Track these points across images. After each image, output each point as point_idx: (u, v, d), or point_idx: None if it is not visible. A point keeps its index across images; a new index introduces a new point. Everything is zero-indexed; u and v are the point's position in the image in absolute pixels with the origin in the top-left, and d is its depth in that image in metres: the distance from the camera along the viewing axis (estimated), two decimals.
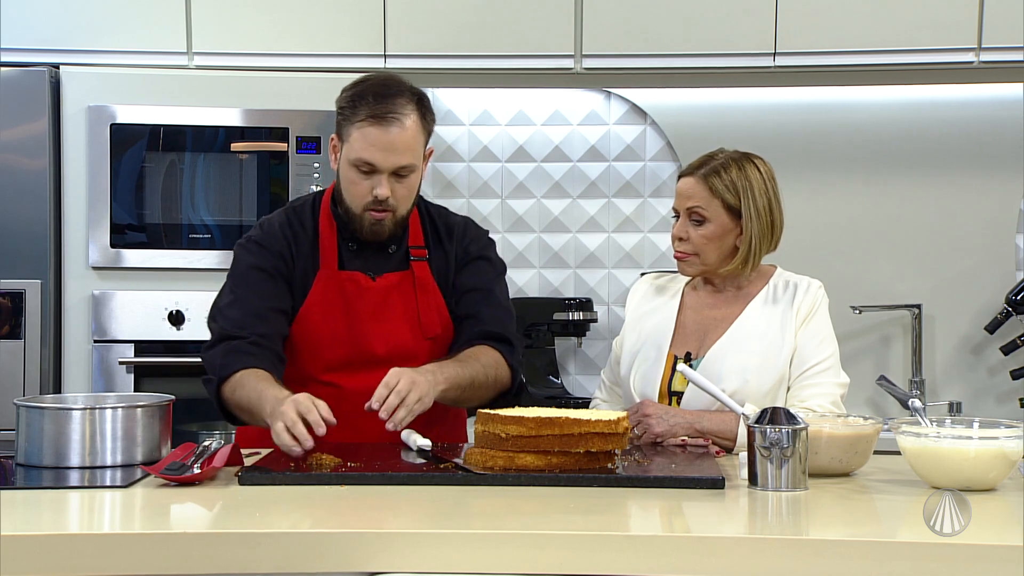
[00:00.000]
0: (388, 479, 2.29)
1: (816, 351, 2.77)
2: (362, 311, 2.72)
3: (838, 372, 2.79)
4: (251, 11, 3.82)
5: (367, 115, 2.62)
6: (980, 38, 3.72)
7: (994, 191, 4.14)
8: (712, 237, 2.79)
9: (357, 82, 2.71)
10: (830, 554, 1.88)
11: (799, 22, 3.77)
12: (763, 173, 2.81)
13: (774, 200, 2.81)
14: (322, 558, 1.91)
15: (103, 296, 3.70)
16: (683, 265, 2.84)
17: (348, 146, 2.65)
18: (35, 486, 2.29)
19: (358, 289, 2.73)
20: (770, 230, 2.81)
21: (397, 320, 2.74)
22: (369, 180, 2.64)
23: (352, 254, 2.75)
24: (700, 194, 2.79)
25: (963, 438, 2.27)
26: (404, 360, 2.66)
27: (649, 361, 2.85)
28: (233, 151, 3.74)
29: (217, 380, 2.65)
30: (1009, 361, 4.07)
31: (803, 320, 2.79)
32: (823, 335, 2.79)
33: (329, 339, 2.71)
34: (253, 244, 2.76)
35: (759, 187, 2.79)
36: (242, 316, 2.68)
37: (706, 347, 2.81)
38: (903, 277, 4.18)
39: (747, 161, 2.82)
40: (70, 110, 3.71)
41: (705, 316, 2.86)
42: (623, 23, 3.81)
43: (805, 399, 2.72)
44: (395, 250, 2.77)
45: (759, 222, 2.79)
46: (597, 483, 2.27)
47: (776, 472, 2.26)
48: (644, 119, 4.27)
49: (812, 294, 2.81)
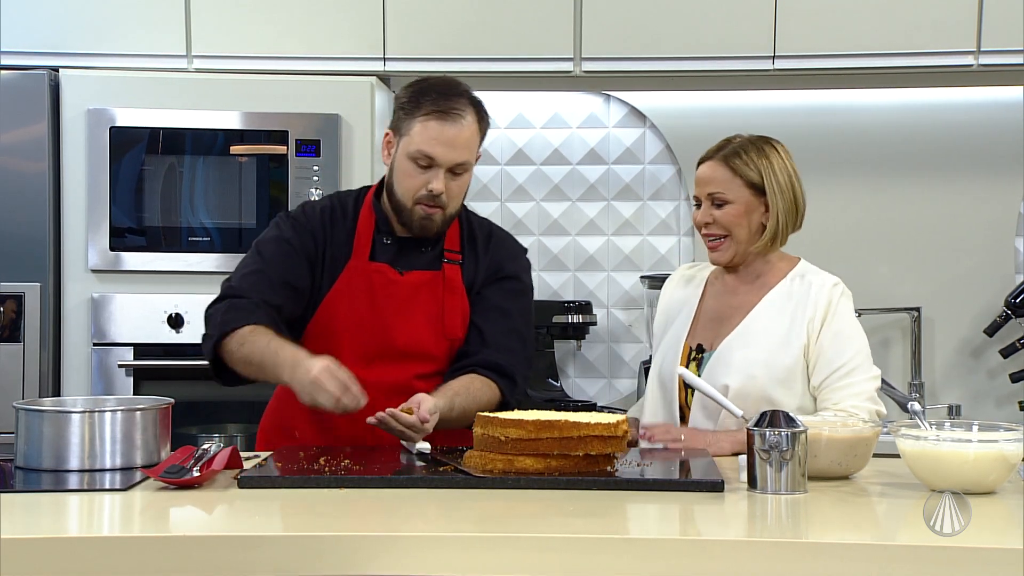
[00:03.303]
0: (387, 482, 2.29)
1: (840, 352, 2.75)
2: (387, 304, 2.74)
3: (868, 367, 2.78)
4: (250, 14, 3.82)
5: (431, 110, 2.67)
6: (979, 41, 3.72)
7: (994, 194, 4.14)
8: (738, 215, 2.81)
9: (420, 80, 2.76)
10: (829, 557, 1.88)
11: (798, 25, 3.77)
12: (782, 153, 2.86)
13: (795, 178, 2.85)
14: (321, 561, 1.91)
15: (102, 299, 3.70)
16: (716, 254, 2.85)
17: (408, 139, 2.69)
18: (34, 489, 2.29)
19: (385, 281, 2.75)
20: (795, 207, 2.84)
21: (420, 317, 2.75)
22: (425, 174, 2.68)
23: (385, 248, 2.78)
24: (721, 177, 2.82)
25: (962, 441, 2.27)
26: (422, 357, 2.73)
27: (669, 352, 2.86)
28: (232, 154, 3.74)
29: (218, 335, 2.67)
30: (1008, 364, 4.07)
31: (821, 322, 2.77)
32: (846, 334, 2.78)
33: (352, 328, 2.73)
34: (288, 219, 2.81)
35: (779, 165, 2.83)
36: (255, 281, 2.72)
37: (720, 338, 2.82)
38: (902, 280, 4.18)
39: (765, 142, 2.86)
40: (69, 113, 3.71)
41: (723, 304, 2.88)
42: (622, 26, 3.81)
43: (838, 401, 2.72)
44: (428, 250, 2.79)
45: (783, 198, 2.81)
46: (596, 486, 2.27)
47: (775, 475, 2.25)
48: (643, 122, 4.27)
49: (826, 294, 2.80)
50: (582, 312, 4.14)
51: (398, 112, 2.73)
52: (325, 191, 3.68)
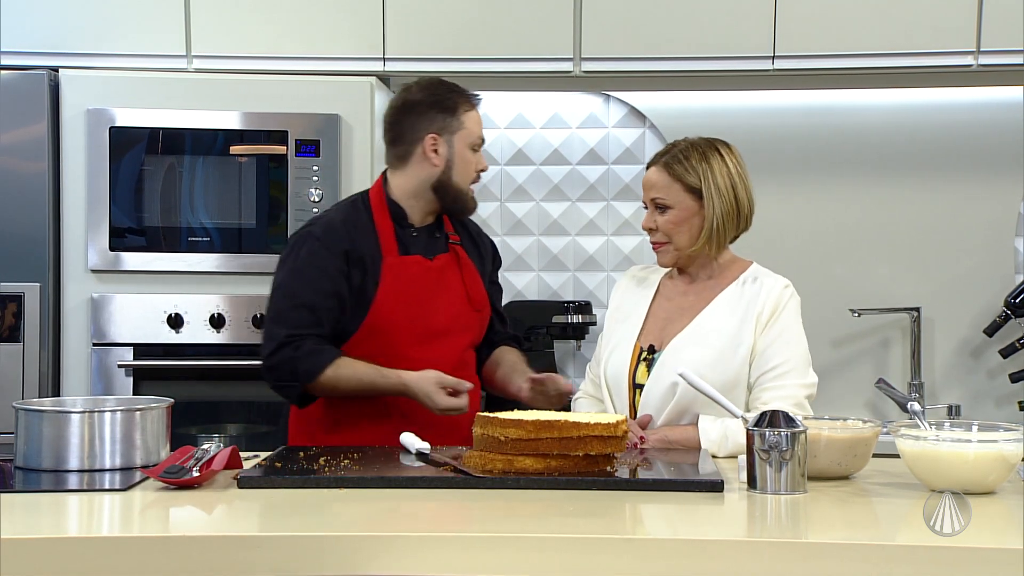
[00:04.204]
0: (387, 482, 2.29)
1: (777, 353, 2.76)
2: (425, 289, 2.98)
3: (804, 373, 2.77)
4: (250, 14, 3.82)
5: (466, 102, 3.01)
6: (979, 41, 3.72)
7: (993, 194, 4.14)
8: (677, 221, 2.84)
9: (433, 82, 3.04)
10: (829, 557, 1.88)
11: (798, 25, 3.77)
12: (724, 155, 2.86)
13: (738, 181, 2.85)
14: (321, 561, 1.91)
15: (102, 299, 3.70)
16: (659, 256, 2.90)
17: (465, 132, 2.99)
18: (34, 489, 2.29)
19: (422, 270, 2.99)
20: (735, 210, 2.84)
21: (452, 295, 3.02)
22: (477, 157, 3.02)
23: (413, 240, 3.01)
24: (661, 182, 2.85)
25: (962, 441, 2.27)
26: (461, 331, 3.02)
27: (619, 352, 2.88)
28: (232, 154, 3.74)
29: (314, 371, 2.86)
30: (1008, 364, 4.07)
31: (765, 322, 2.78)
32: (787, 336, 2.78)
33: (403, 318, 2.94)
34: (311, 239, 2.95)
35: (719, 168, 2.84)
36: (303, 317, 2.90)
37: (670, 338, 2.83)
38: (902, 280, 4.18)
39: (708, 146, 2.87)
40: (69, 113, 3.71)
41: (675, 305, 2.90)
42: (622, 26, 3.81)
43: (767, 401, 2.71)
44: (440, 235, 3.06)
45: (721, 201, 2.82)
46: (596, 486, 2.27)
47: (775, 475, 2.26)
48: (643, 122, 4.27)
49: (775, 296, 2.80)
50: (582, 312, 4.14)
51: (437, 115, 2.97)
52: (325, 191, 3.68)
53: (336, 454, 2.50)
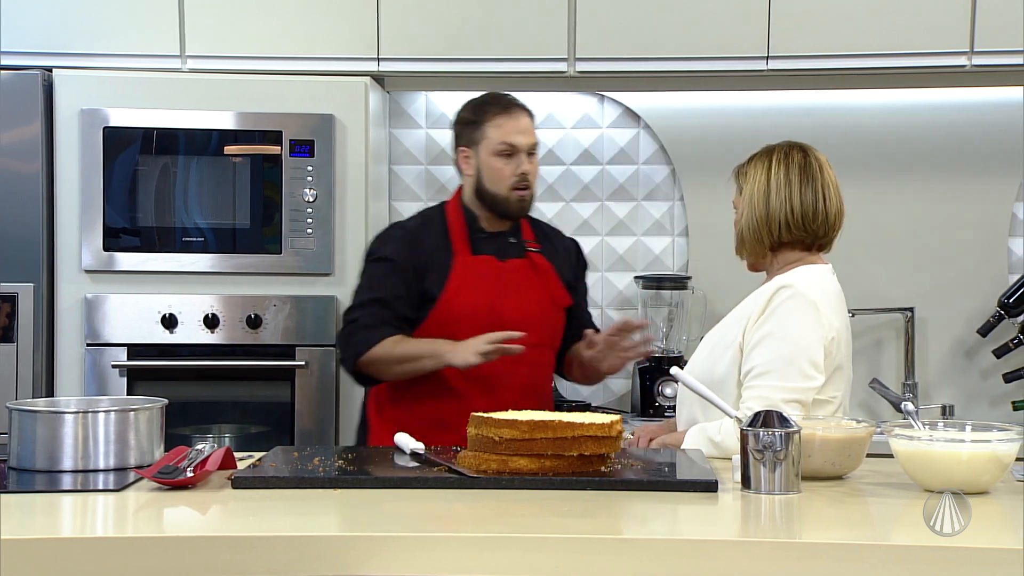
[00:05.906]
0: (381, 482, 2.29)
1: (760, 352, 2.71)
2: (495, 287, 3.25)
3: (784, 374, 2.67)
4: (244, 14, 3.82)
5: (497, 112, 3.25)
6: (972, 42, 3.72)
7: (987, 194, 4.15)
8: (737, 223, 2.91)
9: (471, 101, 3.32)
10: (823, 557, 1.88)
11: (792, 26, 3.78)
12: (773, 161, 2.86)
13: (774, 193, 2.83)
14: (315, 562, 1.91)
15: (96, 299, 3.70)
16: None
17: (487, 141, 3.24)
18: (28, 490, 2.28)
19: (491, 269, 3.27)
20: (764, 222, 2.82)
21: (525, 293, 3.27)
22: (511, 163, 3.23)
23: (485, 242, 3.30)
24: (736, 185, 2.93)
25: (956, 441, 2.27)
26: (536, 325, 3.22)
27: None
28: (226, 154, 3.73)
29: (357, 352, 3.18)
30: (1002, 364, 4.08)
31: (754, 322, 2.75)
32: (771, 338, 2.70)
33: (469, 312, 3.20)
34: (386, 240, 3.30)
35: (755, 175, 2.85)
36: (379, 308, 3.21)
37: None
38: (896, 280, 4.18)
39: (772, 151, 2.88)
40: (63, 113, 3.71)
41: None
42: (617, 27, 3.81)
43: (745, 400, 2.69)
44: (515, 241, 3.33)
45: (749, 212, 2.84)
46: (591, 486, 2.27)
47: (769, 475, 2.26)
48: (637, 122, 4.27)
49: (766, 296, 2.76)
50: None
51: (463, 130, 3.28)
52: (319, 191, 3.68)
53: (330, 454, 2.50)
